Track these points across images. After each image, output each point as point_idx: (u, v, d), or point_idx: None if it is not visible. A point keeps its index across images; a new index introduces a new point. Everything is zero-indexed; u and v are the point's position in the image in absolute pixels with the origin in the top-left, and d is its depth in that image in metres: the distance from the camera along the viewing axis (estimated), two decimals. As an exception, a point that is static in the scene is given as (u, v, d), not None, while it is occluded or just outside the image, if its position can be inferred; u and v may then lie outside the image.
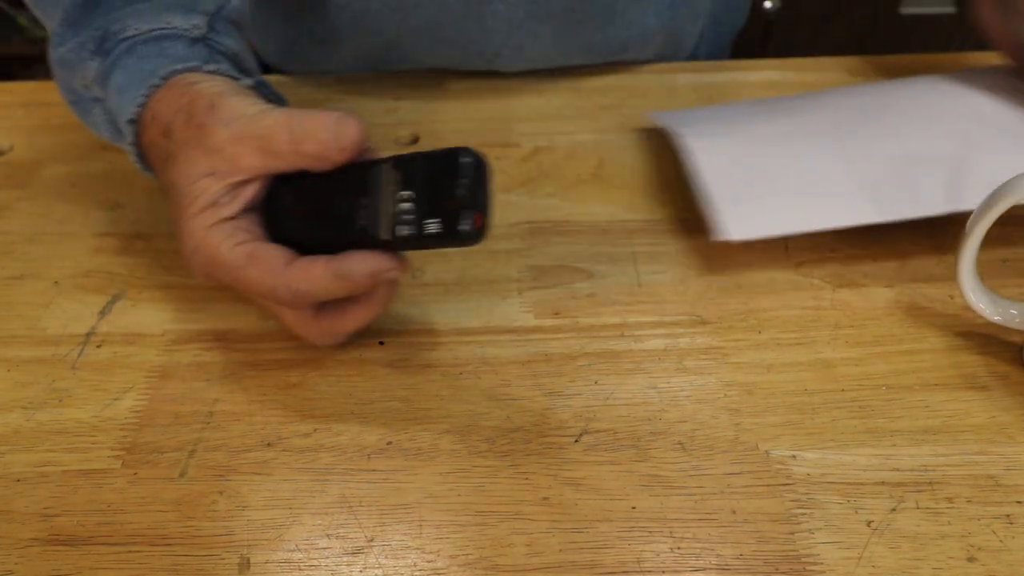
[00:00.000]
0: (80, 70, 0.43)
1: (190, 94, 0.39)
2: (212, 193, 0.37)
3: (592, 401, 0.39)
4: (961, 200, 0.43)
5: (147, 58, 0.41)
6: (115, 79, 0.41)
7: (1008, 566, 0.32)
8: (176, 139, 0.39)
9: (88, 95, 0.44)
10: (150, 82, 0.40)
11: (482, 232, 0.33)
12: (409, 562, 0.33)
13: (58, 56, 0.44)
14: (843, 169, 0.45)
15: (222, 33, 0.43)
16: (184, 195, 0.38)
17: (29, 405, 0.39)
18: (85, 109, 0.45)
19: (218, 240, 0.37)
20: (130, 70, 0.41)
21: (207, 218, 0.37)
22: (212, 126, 0.37)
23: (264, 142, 0.37)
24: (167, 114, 0.39)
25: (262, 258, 0.37)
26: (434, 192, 0.34)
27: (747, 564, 0.32)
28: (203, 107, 0.38)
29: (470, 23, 0.59)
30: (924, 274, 0.44)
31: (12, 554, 0.33)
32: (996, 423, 0.38)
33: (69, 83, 0.44)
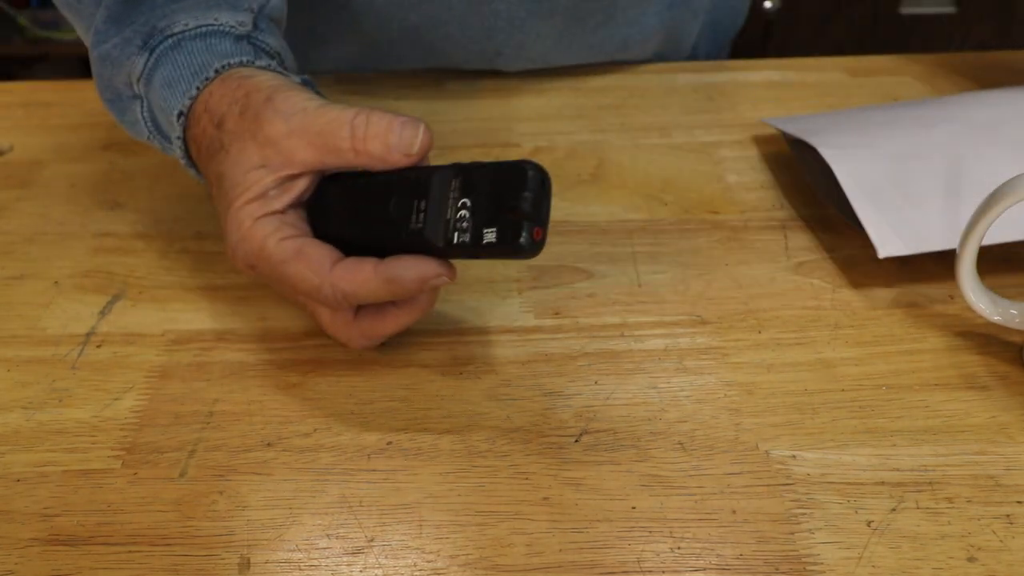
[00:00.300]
0: (125, 66, 0.42)
1: (247, 86, 0.38)
2: (262, 185, 0.37)
3: (592, 401, 0.39)
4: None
5: (195, 53, 0.41)
6: (161, 74, 0.41)
7: (1008, 566, 0.32)
8: (228, 130, 0.38)
9: (128, 93, 0.44)
10: (204, 75, 0.40)
11: (540, 246, 0.33)
12: (409, 562, 0.33)
13: (100, 52, 0.43)
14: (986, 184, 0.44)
15: (265, 31, 0.43)
16: (233, 186, 0.38)
17: (29, 405, 0.39)
18: (123, 107, 0.44)
19: (265, 233, 0.37)
20: (179, 65, 0.41)
21: (255, 210, 0.37)
22: (269, 118, 0.37)
23: (323, 138, 0.36)
24: (221, 106, 0.39)
25: (309, 255, 0.36)
26: (495, 202, 0.33)
27: (747, 564, 0.32)
28: (260, 99, 0.37)
29: (471, 22, 0.59)
30: (924, 274, 0.44)
31: (12, 554, 0.33)
32: (996, 423, 0.38)
33: (111, 80, 0.44)
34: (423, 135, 0.36)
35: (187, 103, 0.40)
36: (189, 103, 0.40)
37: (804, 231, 0.49)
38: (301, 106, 0.37)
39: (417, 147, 0.36)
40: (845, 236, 0.48)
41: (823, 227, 0.49)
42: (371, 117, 0.36)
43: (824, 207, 0.50)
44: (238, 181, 0.38)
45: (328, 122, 0.36)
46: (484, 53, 0.62)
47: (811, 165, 0.50)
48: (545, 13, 0.59)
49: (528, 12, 0.59)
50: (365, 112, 0.36)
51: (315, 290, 0.36)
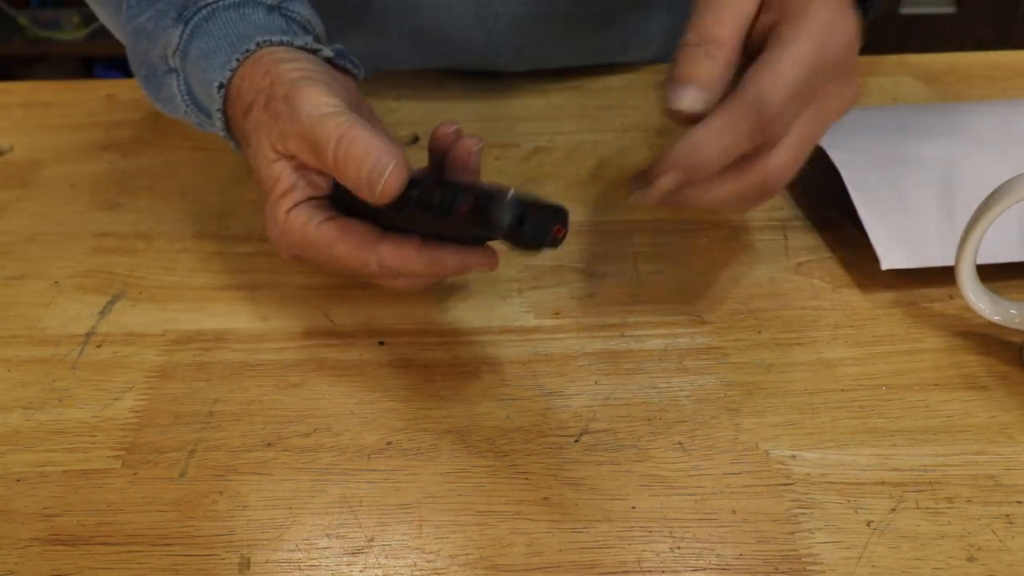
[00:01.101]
0: (161, 39, 0.42)
1: (272, 76, 0.39)
2: (288, 177, 0.38)
3: (592, 401, 0.39)
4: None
5: (231, 24, 0.41)
6: (198, 45, 0.41)
7: (1008, 566, 0.32)
8: (252, 120, 0.39)
9: (163, 67, 0.43)
10: (244, 46, 0.40)
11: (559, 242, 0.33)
12: (409, 562, 0.33)
13: (135, 27, 0.43)
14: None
15: (295, 1, 0.44)
16: (263, 180, 0.39)
17: (29, 405, 0.39)
18: (158, 84, 0.44)
19: (302, 221, 0.38)
20: (215, 36, 0.41)
21: (287, 202, 0.38)
22: (285, 116, 0.37)
23: (317, 149, 0.36)
24: (250, 93, 0.39)
25: (352, 231, 0.37)
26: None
27: (747, 564, 0.32)
28: (280, 94, 0.38)
29: (471, 25, 0.59)
30: (924, 274, 0.44)
31: (12, 554, 0.33)
32: (996, 423, 0.38)
33: (147, 55, 0.44)
34: (388, 178, 0.34)
35: (227, 75, 0.40)
36: (229, 74, 0.40)
37: (804, 231, 0.49)
38: (308, 111, 0.37)
39: (379, 190, 0.35)
40: (845, 236, 0.48)
41: (823, 227, 0.49)
42: (351, 145, 0.35)
43: (824, 207, 0.50)
44: (265, 175, 0.38)
45: (324, 134, 0.36)
46: (484, 55, 0.62)
47: (813, 162, 0.50)
48: (544, 16, 0.59)
49: (527, 15, 0.59)
50: (352, 134, 0.35)
51: (362, 265, 0.37)
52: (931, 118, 0.53)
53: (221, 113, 0.41)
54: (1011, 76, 0.65)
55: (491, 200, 0.32)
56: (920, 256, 0.44)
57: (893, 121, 0.53)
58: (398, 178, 0.35)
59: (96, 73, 1.82)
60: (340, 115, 0.36)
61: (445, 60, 0.63)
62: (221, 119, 0.42)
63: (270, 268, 0.47)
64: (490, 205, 0.32)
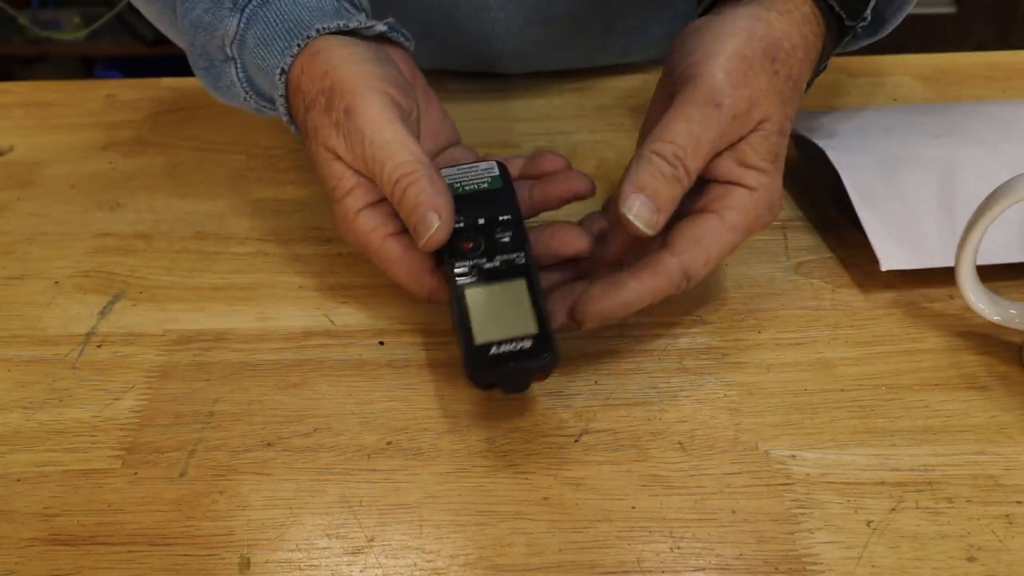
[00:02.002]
0: (219, 29, 0.43)
1: (331, 78, 0.39)
2: (350, 177, 0.39)
3: (592, 401, 0.39)
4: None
5: (285, 9, 0.42)
6: (255, 33, 0.42)
7: (1008, 566, 0.32)
8: (313, 118, 0.40)
9: (220, 57, 0.44)
10: (305, 33, 0.41)
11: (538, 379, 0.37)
12: (409, 562, 0.33)
13: (192, 20, 0.44)
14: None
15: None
16: (325, 178, 0.40)
17: (29, 405, 0.39)
18: (216, 74, 0.45)
19: (368, 228, 0.39)
20: (271, 23, 0.41)
21: (353, 203, 0.39)
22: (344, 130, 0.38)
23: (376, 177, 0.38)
24: (310, 92, 0.40)
25: (412, 265, 0.39)
26: None
27: (747, 564, 0.32)
28: (341, 107, 0.39)
29: (470, 28, 0.59)
30: (924, 274, 0.44)
31: (12, 554, 0.33)
32: (996, 423, 0.38)
33: (205, 47, 0.44)
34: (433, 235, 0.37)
35: (288, 61, 0.41)
36: (290, 60, 0.41)
37: (804, 231, 0.49)
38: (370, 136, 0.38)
39: (422, 244, 0.37)
40: (845, 236, 0.48)
41: (823, 227, 0.49)
42: (409, 189, 0.37)
43: (824, 207, 0.50)
44: (326, 173, 0.40)
45: (379, 167, 0.38)
46: (484, 58, 0.62)
47: (813, 162, 0.50)
48: (544, 21, 0.59)
49: (527, 20, 0.59)
50: (410, 177, 0.37)
51: (409, 290, 0.40)
52: (931, 118, 0.53)
53: (284, 99, 0.42)
54: (1011, 76, 0.65)
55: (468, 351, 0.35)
56: (920, 257, 0.44)
57: (893, 121, 0.53)
58: (441, 237, 0.37)
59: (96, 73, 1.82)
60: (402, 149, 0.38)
61: (446, 62, 0.63)
62: (284, 104, 0.42)
63: (270, 268, 0.47)
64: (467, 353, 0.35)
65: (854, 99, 0.62)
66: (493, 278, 0.37)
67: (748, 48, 0.38)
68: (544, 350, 0.34)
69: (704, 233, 0.38)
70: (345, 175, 0.39)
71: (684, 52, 0.40)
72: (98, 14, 1.70)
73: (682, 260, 0.38)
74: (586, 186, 0.42)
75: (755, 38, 0.39)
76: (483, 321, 0.36)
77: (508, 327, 0.35)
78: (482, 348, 0.35)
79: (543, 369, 0.35)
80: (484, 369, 0.34)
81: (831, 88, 0.64)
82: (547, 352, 0.34)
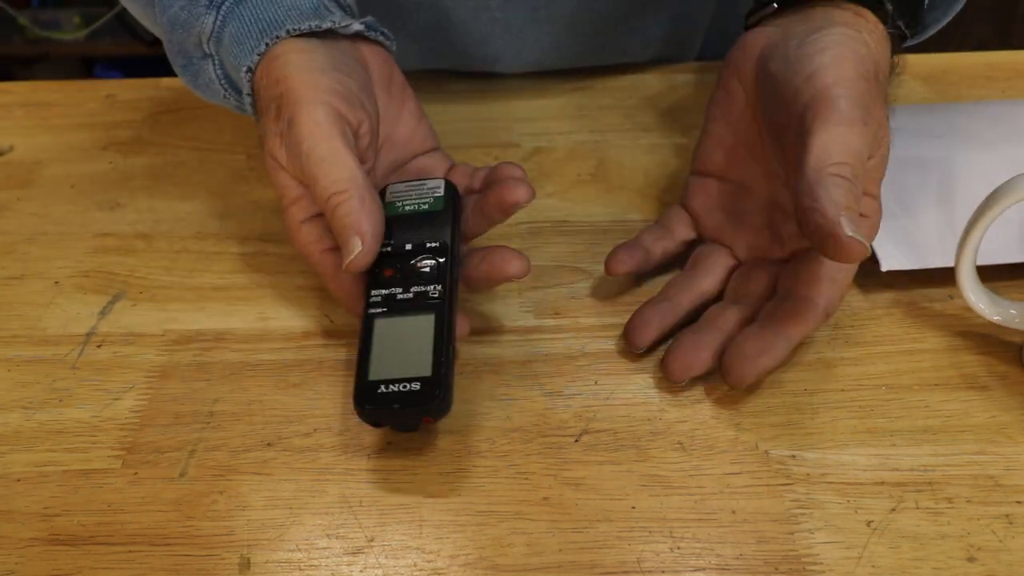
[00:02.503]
0: (195, 27, 0.42)
1: (282, 86, 0.39)
2: (294, 190, 0.39)
3: (592, 401, 0.39)
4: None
5: (261, 6, 0.41)
6: (230, 30, 0.41)
7: (1008, 566, 0.32)
8: (264, 124, 0.40)
9: (198, 54, 0.44)
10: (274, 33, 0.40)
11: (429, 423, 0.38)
12: (409, 562, 0.33)
13: (169, 17, 0.43)
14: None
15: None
16: (272, 183, 0.40)
17: (29, 405, 0.39)
18: (195, 71, 0.45)
19: (310, 239, 0.39)
20: (246, 20, 0.41)
21: (297, 213, 0.39)
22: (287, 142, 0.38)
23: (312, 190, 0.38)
24: (265, 97, 0.40)
25: (344, 283, 0.39)
26: None
27: (747, 564, 0.32)
28: (286, 117, 0.38)
29: (469, 29, 0.59)
30: (924, 274, 0.44)
31: (12, 554, 0.33)
32: (996, 423, 0.38)
33: (183, 44, 0.44)
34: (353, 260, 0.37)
35: (255, 59, 0.40)
36: (256, 59, 0.40)
37: (804, 231, 0.49)
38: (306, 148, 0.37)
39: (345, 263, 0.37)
40: (845, 236, 0.48)
41: (823, 227, 0.49)
42: (338, 209, 0.37)
43: (824, 207, 0.50)
44: (273, 181, 0.40)
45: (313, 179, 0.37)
46: (483, 58, 0.62)
47: None
48: (543, 21, 0.59)
49: (526, 20, 0.59)
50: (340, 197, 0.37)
51: (346, 306, 0.40)
52: (931, 118, 0.53)
53: (251, 97, 0.42)
54: (1011, 76, 0.65)
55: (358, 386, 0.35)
56: (920, 257, 0.44)
57: (892, 121, 0.53)
58: (362, 263, 0.37)
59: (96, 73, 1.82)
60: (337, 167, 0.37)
61: (445, 62, 0.63)
62: (251, 103, 0.42)
63: (270, 268, 0.47)
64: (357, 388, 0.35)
65: (854, 99, 0.62)
66: (403, 311, 0.37)
67: (864, 71, 0.38)
68: (433, 395, 0.34)
69: (837, 268, 0.38)
70: (290, 185, 0.39)
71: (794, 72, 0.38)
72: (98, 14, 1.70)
73: (825, 300, 0.38)
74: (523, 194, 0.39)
75: (867, 61, 0.38)
76: (381, 356, 0.35)
77: (403, 366, 0.35)
78: (371, 385, 0.34)
79: (430, 414, 0.35)
80: (371, 407, 0.34)
81: (831, 88, 0.63)
82: (436, 398, 0.34)
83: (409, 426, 0.37)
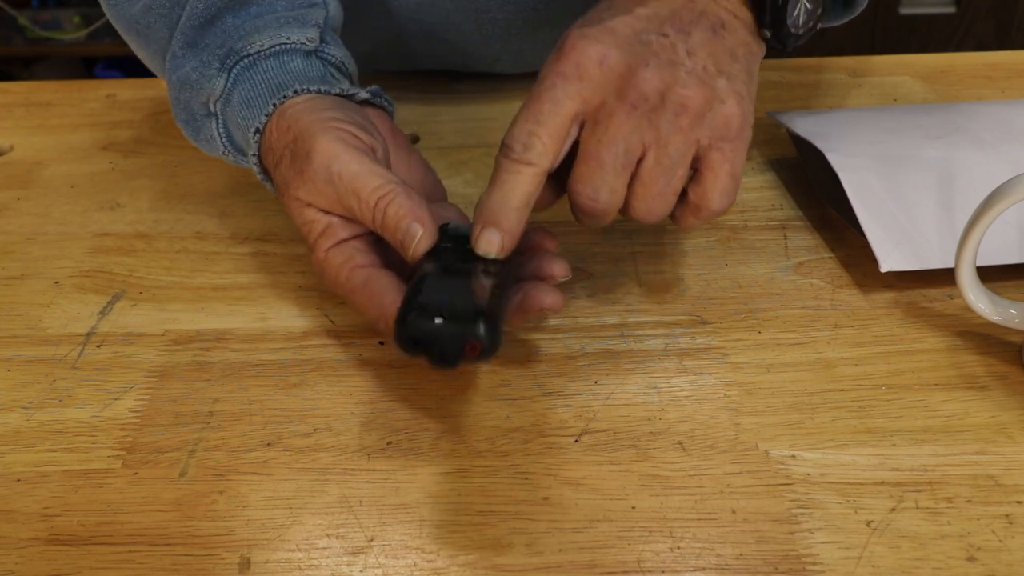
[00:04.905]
0: (205, 88, 0.43)
1: (294, 131, 0.40)
2: (322, 219, 0.39)
3: (592, 401, 0.39)
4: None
5: (270, 73, 0.42)
6: (240, 93, 0.42)
7: (1008, 566, 0.32)
8: (280, 173, 0.40)
9: (202, 112, 0.45)
10: (282, 93, 0.41)
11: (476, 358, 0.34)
12: (409, 562, 0.33)
13: (179, 77, 0.44)
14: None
15: (330, 43, 0.45)
16: (300, 225, 0.40)
17: (29, 405, 0.39)
18: (197, 127, 0.46)
19: (338, 262, 0.39)
20: (256, 84, 0.42)
21: (324, 243, 0.39)
22: (307, 178, 0.38)
23: (352, 212, 0.38)
24: (277, 149, 0.41)
25: (372, 288, 0.38)
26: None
27: (747, 564, 0.32)
28: (302, 152, 0.39)
29: (469, 30, 0.60)
30: (924, 274, 0.44)
31: (12, 554, 0.33)
32: (996, 423, 0.38)
33: (189, 103, 0.45)
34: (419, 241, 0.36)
35: (263, 120, 0.41)
36: (265, 119, 0.41)
37: (804, 231, 0.49)
38: (336, 170, 0.38)
39: (411, 252, 0.37)
40: (845, 236, 0.48)
41: (823, 227, 0.49)
42: (389, 206, 0.37)
43: (824, 207, 0.50)
44: (301, 221, 0.40)
45: (355, 198, 0.37)
46: (482, 59, 0.62)
47: (813, 163, 0.50)
48: (542, 22, 0.59)
49: (525, 21, 0.59)
50: (387, 197, 0.37)
51: (374, 321, 0.38)
52: (931, 118, 0.53)
53: (256, 157, 0.42)
54: (1011, 76, 0.65)
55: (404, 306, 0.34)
56: (920, 258, 0.44)
57: (892, 121, 0.53)
58: (428, 242, 0.37)
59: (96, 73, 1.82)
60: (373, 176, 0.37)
61: (444, 63, 0.63)
62: (256, 163, 0.43)
63: (270, 268, 0.47)
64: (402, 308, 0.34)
65: (854, 99, 0.62)
66: (461, 274, 0.36)
67: None
68: (480, 321, 0.32)
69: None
70: (316, 219, 0.39)
71: None
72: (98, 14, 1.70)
73: None
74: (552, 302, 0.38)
75: None
76: (432, 288, 0.34)
77: (453, 297, 0.34)
78: (419, 305, 0.33)
79: (476, 338, 0.33)
80: (416, 315, 0.33)
81: (831, 88, 0.64)
82: (483, 325, 0.32)
83: (448, 357, 0.33)
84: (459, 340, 0.33)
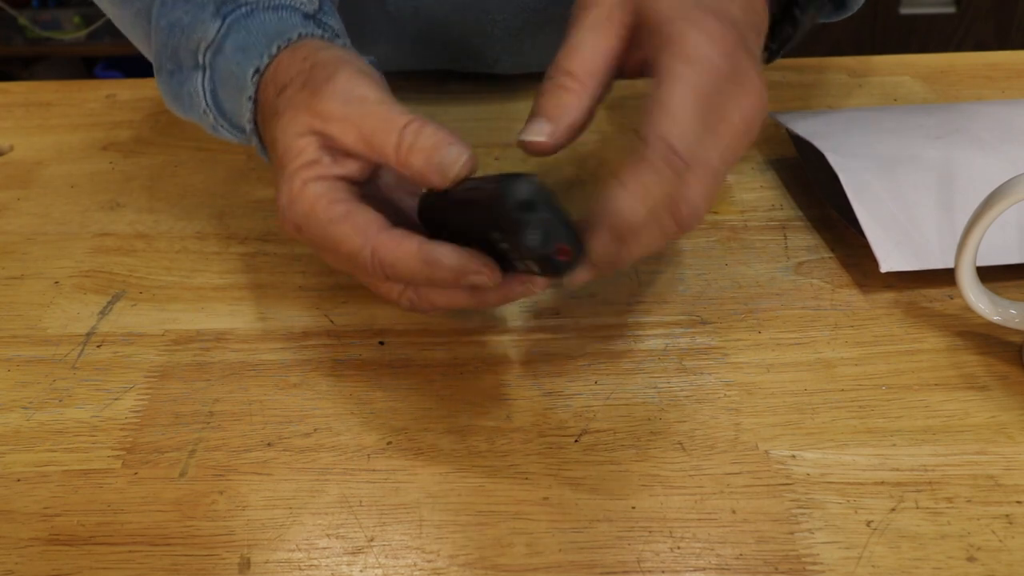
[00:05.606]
0: (197, 31, 0.42)
1: (313, 59, 0.38)
2: (313, 151, 0.37)
3: (592, 401, 0.39)
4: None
5: (269, 22, 0.41)
6: (234, 39, 0.41)
7: (1008, 566, 0.32)
8: (286, 97, 0.38)
9: (190, 63, 0.43)
10: (286, 36, 0.40)
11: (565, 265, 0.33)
12: (409, 562, 0.33)
13: (169, 21, 0.43)
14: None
15: (328, 13, 0.43)
16: (286, 150, 0.37)
17: (29, 405, 0.39)
18: (181, 79, 0.44)
19: (317, 194, 0.36)
20: (253, 31, 0.41)
21: (307, 173, 0.37)
22: (328, 95, 0.36)
23: (373, 135, 0.35)
24: (287, 75, 0.39)
25: (356, 217, 0.36)
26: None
27: (747, 564, 0.32)
28: (323, 76, 0.37)
29: (469, 31, 0.60)
30: (924, 274, 0.44)
31: (12, 554, 0.33)
32: (996, 423, 0.38)
33: (176, 50, 0.43)
34: (464, 163, 0.35)
35: (265, 61, 0.40)
36: (267, 61, 0.40)
37: (804, 231, 0.49)
38: (361, 93, 0.36)
39: (455, 173, 0.35)
40: (845, 236, 0.48)
41: (823, 227, 0.49)
42: (423, 130, 0.35)
43: (824, 207, 0.50)
44: (290, 145, 0.37)
45: (381, 121, 0.35)
46: (483, 59, 0.62)
47: (813, 164, 0.50)
48: (542, 23, 0.59)
49: (525, 22, 0.59)
50: (419, 123, 0.35)
51: (355, 252, 0.35)
52: (931, 118, 0.53)
53: (251, 101, 0.41)
54: (1011, 76, 0.65)
55: (509, 183, 0.31)
56: (920, 258, 0.44)
57: (892, 121, 0.53)
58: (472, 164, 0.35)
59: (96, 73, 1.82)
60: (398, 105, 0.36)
61: (446, 63, 0.63)
62: (250, 109, 0.41)
63: (270, 268, 0.47)
64: (509, 185, 0.31)
65: (854, 99, 0.62)
66: None
67: None
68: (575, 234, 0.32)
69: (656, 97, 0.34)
70: (308, 148, 0.37)
71: None
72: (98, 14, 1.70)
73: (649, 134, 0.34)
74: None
75: None
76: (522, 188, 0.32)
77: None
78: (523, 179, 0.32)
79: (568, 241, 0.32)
80: (524, 186, 0.31)
81: (831, 88, 0.64)
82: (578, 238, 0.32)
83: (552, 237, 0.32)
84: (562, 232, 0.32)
